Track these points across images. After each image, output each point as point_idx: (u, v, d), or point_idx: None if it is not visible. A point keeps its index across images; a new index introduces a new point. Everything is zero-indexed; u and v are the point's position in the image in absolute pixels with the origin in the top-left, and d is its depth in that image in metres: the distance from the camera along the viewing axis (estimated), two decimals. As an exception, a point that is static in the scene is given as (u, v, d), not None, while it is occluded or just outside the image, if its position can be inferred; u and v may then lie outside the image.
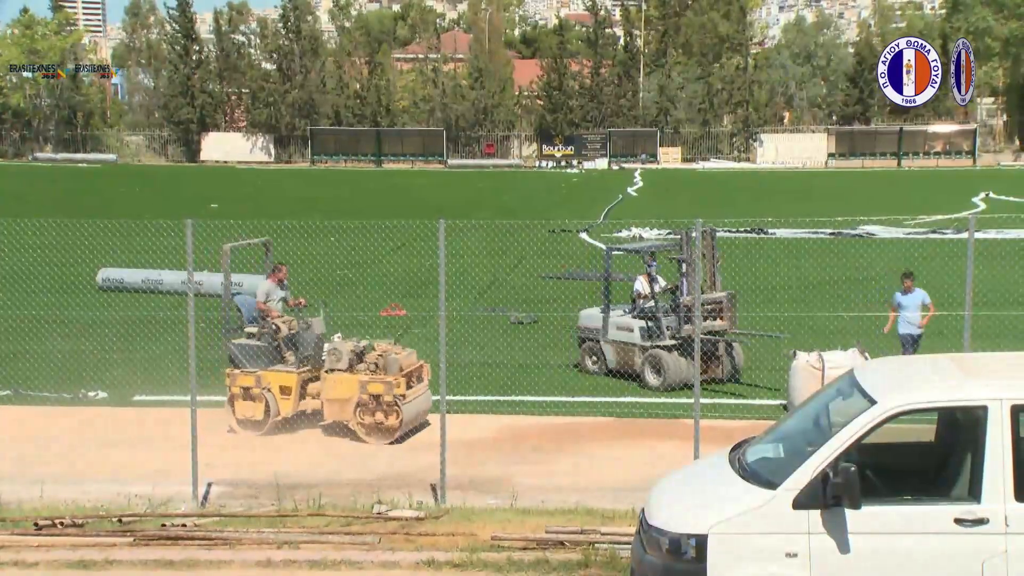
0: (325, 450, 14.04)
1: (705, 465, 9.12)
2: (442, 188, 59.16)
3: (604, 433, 14.62)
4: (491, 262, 29.05)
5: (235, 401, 14.59)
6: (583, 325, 18.03)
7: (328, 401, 14.34)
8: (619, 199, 51.29)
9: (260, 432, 14.46)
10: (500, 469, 13.12)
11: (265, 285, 15.48)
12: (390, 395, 14.12)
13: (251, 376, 14.52)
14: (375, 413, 14.18)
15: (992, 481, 7.51)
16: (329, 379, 14.34)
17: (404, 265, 27.28)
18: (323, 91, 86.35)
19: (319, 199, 51.03)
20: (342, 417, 14.33)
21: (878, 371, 8.81)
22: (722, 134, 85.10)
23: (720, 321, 17.03)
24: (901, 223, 36.82)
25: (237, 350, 14.79)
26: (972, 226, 11.96)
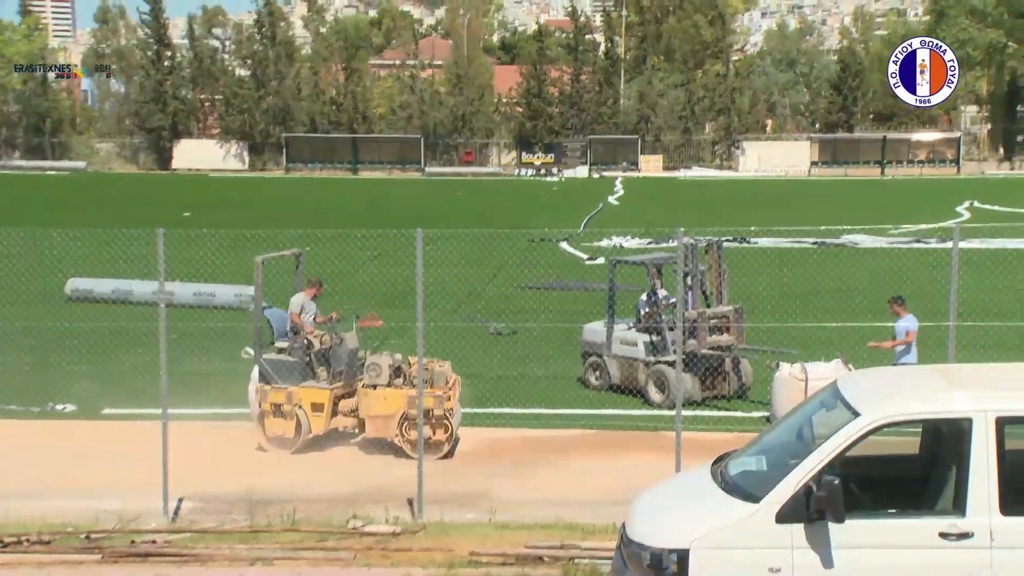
0: (299, 465, 13.98)
1: (687, 478, 9.13)
2: (420, 196, 59.13)
3: (584, 446, 14.62)
4: (470, 272, 29.03)
5: (265, 418, 14.45)
6: (586, 339, 17.99)
7: (371, 418, 14.22)
8: (600, 208, 51.37)
9: (291, 450, 14.37)
10: (479, 483, 13.09)
11: (299, 299, 15.38)
12: (440, 409, 14.06)
13: (282, 392, 14.42)
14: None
15: (977, 494, 7.53)
16: (372, 395, 14.21)
17: (381, 275, 27.22)
18: (298, 97, 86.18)
19: (294, 207, 50.90)
20: (385, 434, 14.23)
21: (862, 382, 8.84)
22: (704, 142, 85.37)
23: (727, 336, 17.01)
24: (885, 232, 37.01)
25: (268, 365, 14.68)
26: (956, 235, 12.04)
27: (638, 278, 23.34)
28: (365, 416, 14.30)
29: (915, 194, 59.14)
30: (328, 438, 14.75)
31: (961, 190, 58.65)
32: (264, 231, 30.24)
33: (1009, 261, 28.08)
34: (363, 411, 14.35)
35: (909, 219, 41.32)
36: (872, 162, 79.94)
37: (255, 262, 14.77)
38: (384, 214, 47.42)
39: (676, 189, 65.50)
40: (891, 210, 48.26)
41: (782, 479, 7.73)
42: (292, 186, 68.02)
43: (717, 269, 17.22)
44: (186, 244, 26.83)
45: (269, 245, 29.06)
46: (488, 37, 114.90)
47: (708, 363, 16.70)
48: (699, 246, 17.49)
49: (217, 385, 17.36)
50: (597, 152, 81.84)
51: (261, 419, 14.43)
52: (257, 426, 14.48)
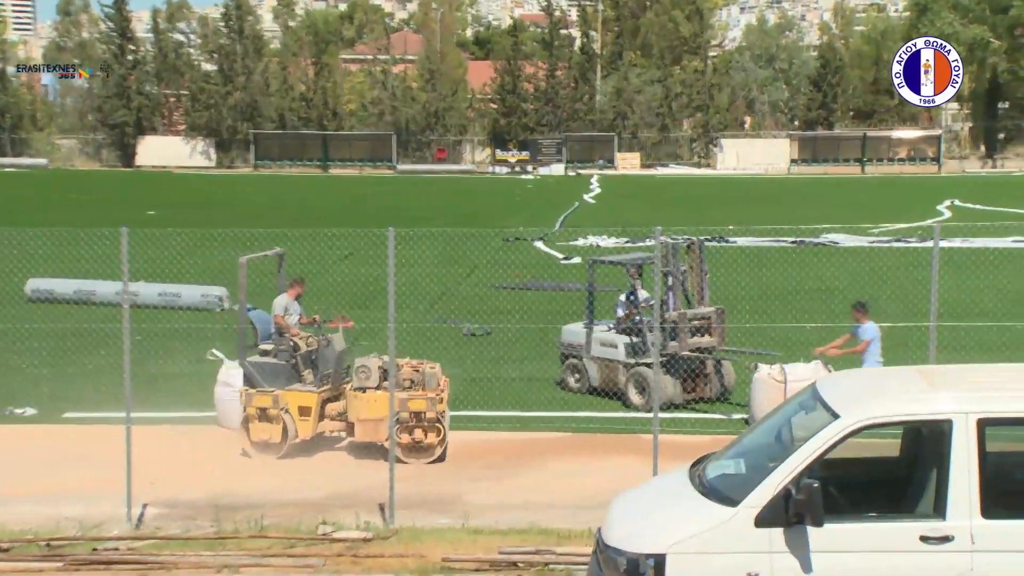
0: (268, 469, 13.93)
1: (664, 482, 9.15)
2: (392, 194, 59.03)
3: (560, 449, 14.63)
4: (442, 271, 29.00)
5: (250, 423, 14.37)
6: (565, 341, 17.99)
7: (360, 421, 14.17)
8: (575, 206, 51.43)
9: (278, 456, 14.30)
10: (452, 487, 13.09)
11: (283, 300, 15.32)
12: (433, 412, 14.07)
13: (268, 396, 14.34)
14: (414, 431, 14.10)
15: (957, 497, 7.58)
16: (361, 398, 14.16)
17: (352, 275, 27.15)
18: (267, 93, 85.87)
19: (263, 205, 50.72)
20: (376, 438, 14.18)
21: (841, 384, 8.88)
22: (681, 139, 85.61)
23: (709, 337, 17.01)
24: (865, 231, 37.22)
25: (253, 368, 14.60)
26: (937, 235, 12.11)
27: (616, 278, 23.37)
28: (354, 420, 14.26)
29: (895, 192, 59.52)
30: (304, 442, 14.69)
31: (942, 188, 59.06)
32: (231, 230, 30.11)
33: (990, 261, 28.28)
34: (352, 415, 14.31)
35: (889, 218, 41.56)
36: (852, 160, 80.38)
37: (239, 262, 14.70)
38: (355, 213, 47.29)
39: (653, 187, 65.66)
40: (871, 209, 48.54)
41: (761, 482, 7.75)
42: (261, 184, 67.76)
43: (699, 269, 17.24)
44: (151, 243, 26.69)
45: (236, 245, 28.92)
46: (461, 32, 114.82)
47: (689, 365, 16.73)
48: (680, 246, 17.52)
49: (183, 388, 17.27)
50: (573, 149, 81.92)
51: (246, 424, 14.35)
52: (241, 431, 14.40)
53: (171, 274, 25.37)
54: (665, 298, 16.77)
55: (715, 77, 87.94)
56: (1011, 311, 22.91)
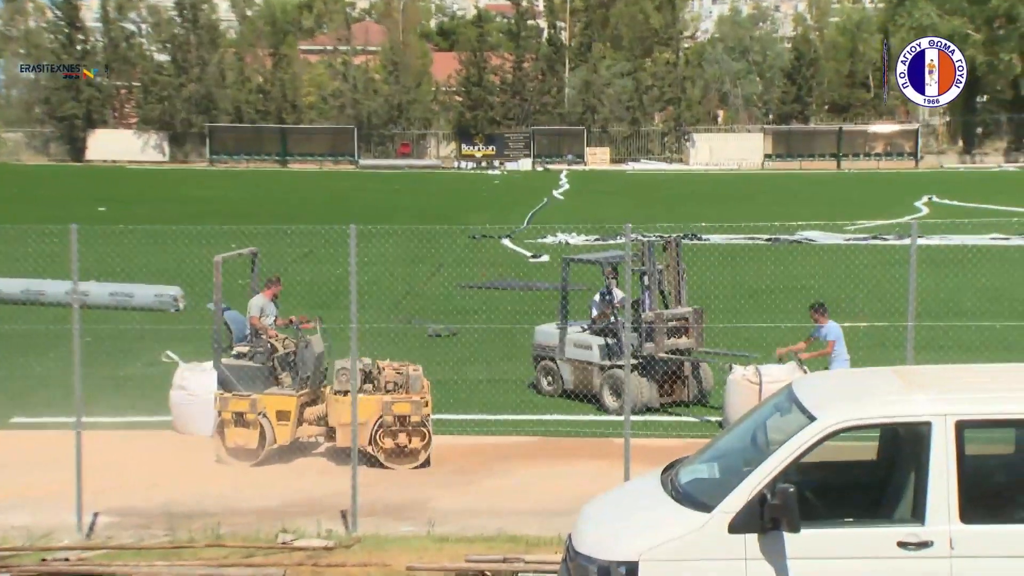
0: (225, 475, 13.86)
1: (636, 487, 9.17)
2: (353, 190, 58.87)
3: (529, 453, 14.65)
4: (406, 270, 28.96)
5: (226, 428, 14.28)
6: (538, 342, 17.99)
7: (342, 426, 14.09)
8: (544, 202, 51.49)
9: (254, 462, 14.23)
10: (417, 493, 13.08)
11: (259, 300, 15.25)
12: (418, 415, 14.08)
13: (245, 400, 14.26)
14: (397, 436, 14.06)
15: (936, 502, 7.64)
16: (343, 401, 14.06)
17: (312, 274, 27.06)
18: (222, 85, 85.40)
19: (218, 201, 50.47)
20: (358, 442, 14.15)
21: (818, 385, 8.94)
22: (653, 133, 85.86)
23: (686, 339, 17.03)
24: (841, 228, 37.46)
25: (229, 371, 14.52)
26: (915, 232, 12.20)
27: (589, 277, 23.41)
28: (336, 424, 14.21)
29: (872, 188, 59.95)
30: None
31: (919, 184, 59.52)
32: (186, 227, 29.95)
33: (969, 258, 28.54)
34: (333, 419, 14.27)
35: (866, 215, 41.85)
36: (828, 155, 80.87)
37: (214, 261, 14.62)
38: (315, 209, 47.15)
39: (624, 183, 65.83)
40: (847, 205, 48.85)
41: (735, 487, 7.78)
42: (216, 179, 67.42)
43: (676, 268, 17.25)
44: (102, 241, 26.49)
45: (191, 242, 28.78)
46: (425, 22, 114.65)
47: (667, 368, 16.76)
48: (656, 244, 17.55)
49: (136, 391, 17.18)
50: (541, 144, 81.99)
51: (221, 429, 14.28)
52: (215, 437, 14.32)
53: (123, 273, 25.19)
54: (641, 298, 16.81)
55: (687, 70, 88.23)
56: (990, 310, 23.13)
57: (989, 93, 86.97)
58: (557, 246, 34.82)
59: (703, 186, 62.81)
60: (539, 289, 26.85)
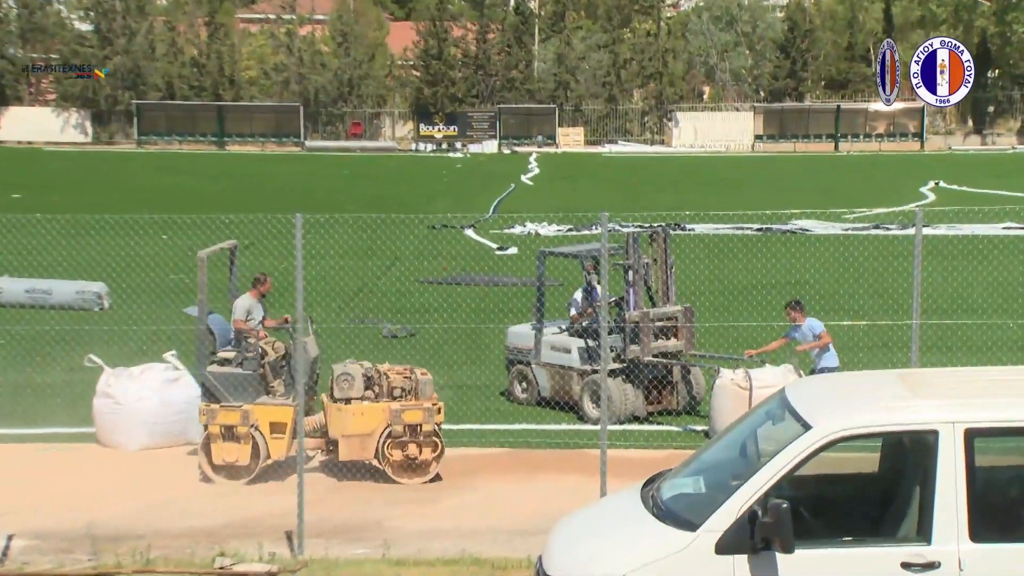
0: (157, 492, 13.80)
1: (613, 503, 9.19)
2: (299, 175, 58.66)
3: (495, 467, 14.66)
4: (359, 264, 28.90)
5: (212, 443, 14.13)
6: (511, 345, 17.96)
7: (346, 437, 14.04)
8: (511, 189, 51.49)
9: (245, 480, 14.11)
10: (371, 512, 13.06)
11: (245, 301, 15.16)
12: (430, 424, 14.03)
13: (236, 412, 14.12)
14: (407, 447, 14.02)
15: (944, 518, 7.68)
16: (346, 410, 14.02)
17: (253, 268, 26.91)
18: (152, 58, 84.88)
19: (147, 188, 50.18)
20: (362, 455, 14.11)
21: (814, 390, 8.99)
22: (632, 112, 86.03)
23: (675, 340, 17.02)
24: (839, 217, 37.66)
25: (216, 380, 14.39)
26: (920, 221, 12.27)
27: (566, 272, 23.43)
28: (338, 435, 14.13)
29: (873, 173, 60.30)
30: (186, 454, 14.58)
31: (925, 168, 59.93)
32: (111, 216, 29.72)
33: (979, 250, 28.77)
34: (335, 430, 14.18)
35: (866, 202, 42.10)
36: (824, 136, 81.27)
37: (199, 257, 14.48)
38: (257, 196, 46.94)
39: (600, 167, 65.91)
40: (846, 191, 49.12)
41: (723, 503, 7.81)
42: (145, 162, 67.04)
43: (663, 262, 17.24)
44: (16, 231, 26.29)
45: (117, 233, 28.60)
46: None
47: (654, 373, 16.77)
48: (642, 235, 17.54)
49: (55, 400, 17.05)
50: (508, 124, 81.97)
51: (206, 445, 14.15)
52: (200, 454, 14.20)
53: (40, 268, 25.01)
54: (625, 296, 16.81)
55: (669, 42, 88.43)
56: (1003, 307, 23.31)
57: (1001, 67, 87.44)
58: (526, 237, 34.81)
59: (687, 170, 62.97)
60: (507, 285, 26.84)
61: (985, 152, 76.69)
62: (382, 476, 14.03)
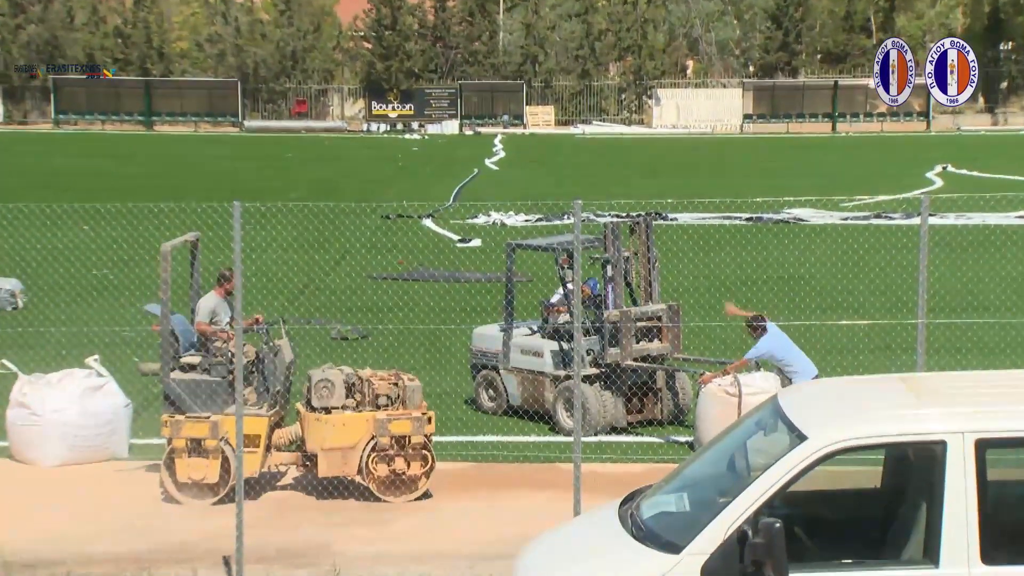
0: (77, 513, 13.73)
1: (588, 523, 9.20)
2: (237, 159, 58.45)
3: (456, 483, 14.66)
4: (305, 258, 28.83)
5: (177, 458, 14.00)
6: (476, 348, 17.92)
7: (326, 451, 13.96)
8: (474, 174, 51.47)
9: (213, 500, 13.99)
10: (317, 533, 13.04)
11: (210, 301, 15.10)
12: (420, 435, 14.00)
13: (203, 424, 14.01)
14: (394, 461, 13.97)
15: (952, 539, 7.72)
16: (326, 421, 13.95)
17: (186, 263, 26.83)
18: (71, 28, 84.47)
19: (67, 172, 49.88)
20: (344, 471, 14.03)
21: (809, 397, 9.01)
22: (608, 89, 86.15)
23: (659, 343, 17.03)
24: (837, 205, 37.81)
25: (180, 388, 14.28)
26: (926, 209, 12.34)
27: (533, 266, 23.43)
28: (317, 449, 14.06)
29: (875, 156, 60.55)
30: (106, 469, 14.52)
31: (932, 150, 60.22)
32: (26, 205, 29.59)
33: (992, 241, 28.95)
34: (313, 443, 14.10)
35: (867, 188, 42.29)
36: (821, 115, 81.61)
37: (162, 251, 14.38)
38: (189, 182, 46.75)
39: (572, 150, 65.96)
40: (845, 177, 49.34)
41: (709, 523, 7.83)
42: (63, 144, 66.66)
43: (646, 256, 17.25)
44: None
45: (33, 224, 28.45)
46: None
47: (635, 379, 16.78)
48: (622, 226, 17.55)
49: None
50: (470, 102, 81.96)
51: (170, 460, 14.06)
52: (163, 471, 14.10)
53: None
54: (604, 293, 16.83)
55: (649, 10, 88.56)
56: (1018, 304, 23.47)
57: (1015, 39, 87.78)
58: (491, 228, 34.81)
59: (669, 153, 63.10)
60: (470, 281, 26.84)
61: (997, 132, 77.03)
62: (364, 494, 14.01)
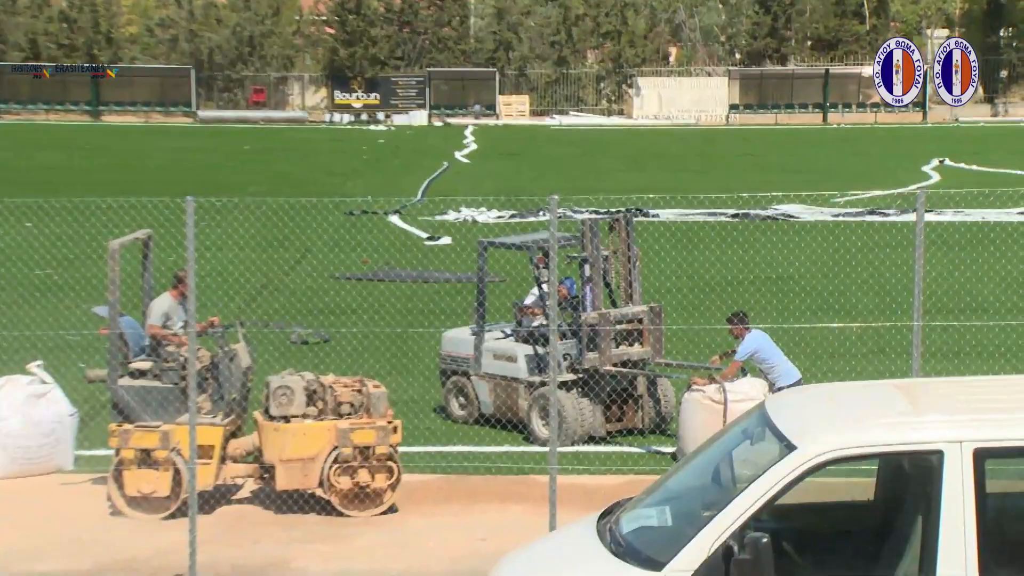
0: (19, 529, 13.68)
1: (564, 538, 9.21)
2: (191, 151, 58.27)
3: (425, 496, 14.66)
4: (263, 257, 28.75)
5: (125, 470, 13.94)
6: (446, 353, 17.91)
7: (284, 463, 13.90)
8: (444, 168, 51.42)
9: (165, 514, 13.91)
10: (275, 550, 13.02)
11: (163, 303, 15.06)
12: (385, 445, 13.96)
13: (153, 433, 13.95)
14: (357, 473, 13.92)
15: (949, 554, 7.74)
16: (284, 430, 13.90)
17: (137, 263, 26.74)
18: (11, 11, 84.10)
19: (8, 166, 49.65)
20: (304, 483, 13.97)
21: (798, 405, 9.04)
22: (586, 77, 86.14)
23: (640, 347, 17.02)
24: (828, 201, 37.92)
25: (129, 395, 14.21)
26: (922, 205, 12.39)
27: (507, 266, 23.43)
28: (275, 460, 14.01)
29: (868, 148, 60.71)
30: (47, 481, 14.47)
31: (928, 143, 60.41)
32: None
33: (991, 239, 29.02)
34: (271, 454, 14.05)
35: (860, 183, 42.40)
36: (811, 105, 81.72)
37: (110, 248, 14.32)
38: (139, 176, 46.60)
39: (548, 142, 65.97)
40: (837, 171, 49.47)
41: (692, 538, 7.84)
42: (4, 136, 66.35)
43: (626, 254, 17.27)
44: None
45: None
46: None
47: (614, 385, 16.78)
48: (601, 223, 17.56)
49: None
50: (439, 91, 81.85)
51: (118, 473, 13.99)
52: (111, 483, 14.03)
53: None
54: (582, 294, 16.85)
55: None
56: (1018, 306, 23.58)
57: (1015, 24, 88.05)
58: (461, 225, 34.80)
59: (651, 146, 63.17)
60: (438, 281, 26.83)
61: (997, 124, 77.22)
62: (325, 508, 13.98)
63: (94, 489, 14.70)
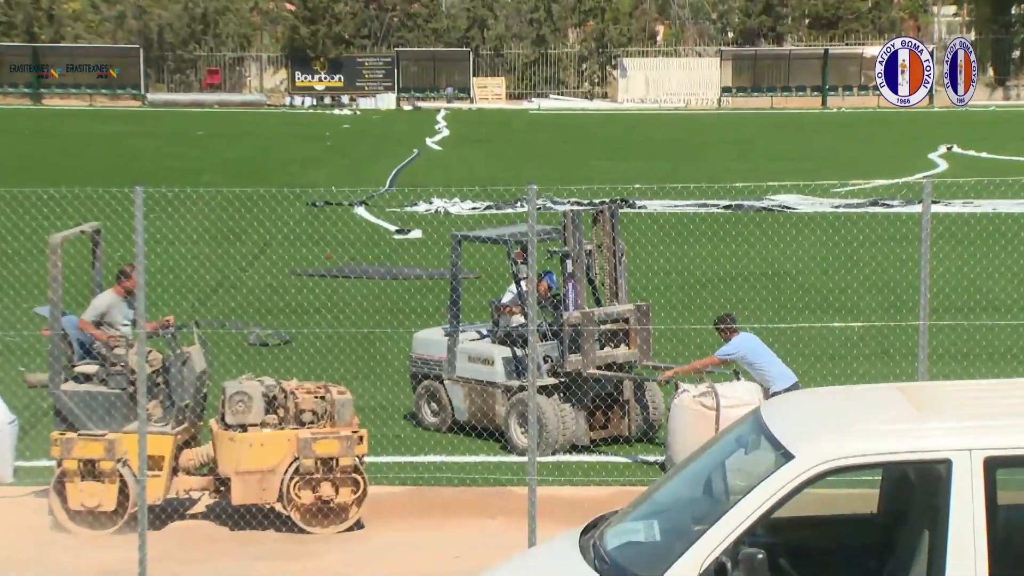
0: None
1: (544, 555, 9.22)
2: (139, 136, 58.15)
3: (394, 510, 14.67)
4: (218, 251, 28.71)
5: (68, 482, 13.89)
6: (418, 355, 17.90)
7: (240, 475, 13.85)
8: (414, 155, 51.41)
9: (111, 529, 13.86)
10: (233, 568, 13.02)
11: (104, 299, 15.00)
12: (349, 457, 13.89)
13: (98, 443, 13.90)
14: (319, 487, 13.89)
15: (959, 567, 7.78)
16: (240, 440, 13.85)
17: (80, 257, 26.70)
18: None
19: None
20: (262, 497, 13.92)
21: (796, 410, 9.06)
22: (567, 58, 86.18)
23: (626, 349, 17.05)
24: (828, 191, 38.00)
25: (73, 401, 14.16)
26: (928, 195, 12.44)
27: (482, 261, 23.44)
28: (230, 473, 13.97)
29: (871, 134, 60.84)
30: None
31: (935, 129, 60.54)
32: None
33: (1002, 232, 29.13)
34: (227, 465, 14.01)
35: (862, 172, 42.48)
36: (809, 88, 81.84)
37: (51, 243, 14.27)
38: (83, 163, 46.48)
39: (526, 127, 65.98)
40: (837, 158, 49.55)
41: (682, 554, 7.86)
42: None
43: (611, 249, 17.27)
44: None
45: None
46: None
47: (599, 389, 16.78)
48: (584, 215, 17.56)
49: None
50: (408, 73, 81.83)
51: (60, 485, 13.96)
52: (52, 496, 14.00)
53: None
54: (562, 291, 16.85)
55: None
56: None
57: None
58: (433, 217, 34.80)
59: (637, 132, 63.20)
60: (408, 278, 26.81)
61: (1009, 108, 77.37)
62: (286, 524, 13.97)
63: (34, 502, 14.67)
